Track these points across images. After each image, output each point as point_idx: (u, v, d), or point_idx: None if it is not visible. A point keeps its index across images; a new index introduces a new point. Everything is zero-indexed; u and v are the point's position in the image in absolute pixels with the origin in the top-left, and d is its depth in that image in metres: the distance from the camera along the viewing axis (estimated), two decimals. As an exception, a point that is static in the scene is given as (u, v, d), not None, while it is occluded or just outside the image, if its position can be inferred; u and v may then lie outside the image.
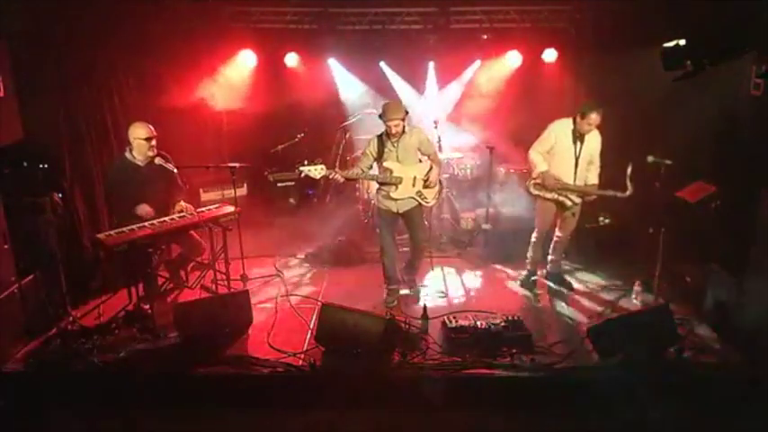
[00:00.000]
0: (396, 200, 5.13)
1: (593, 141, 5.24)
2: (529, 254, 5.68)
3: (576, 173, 5.25)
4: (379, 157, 5.08)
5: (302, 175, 4.90)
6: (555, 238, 5.57)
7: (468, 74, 8.03)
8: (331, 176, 4.93)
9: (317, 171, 4.88)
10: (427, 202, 5.27)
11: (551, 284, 5.72)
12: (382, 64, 7.91)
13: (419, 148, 5.13)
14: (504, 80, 7.94)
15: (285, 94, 7.87)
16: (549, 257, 5.68)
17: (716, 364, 4.40)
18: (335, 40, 7.51)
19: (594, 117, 5.03)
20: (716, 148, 5.37)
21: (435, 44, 7.63)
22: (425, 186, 5.16)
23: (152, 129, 5.09)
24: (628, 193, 5.16)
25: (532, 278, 5.72)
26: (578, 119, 5.11)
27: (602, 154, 5.36)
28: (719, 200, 5.21)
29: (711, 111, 5.36)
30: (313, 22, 7.46)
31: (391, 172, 5.06)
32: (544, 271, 5.84)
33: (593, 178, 5.35)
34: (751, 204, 4.85)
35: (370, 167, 5.15)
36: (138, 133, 5.03)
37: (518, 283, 5.78)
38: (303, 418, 4.13)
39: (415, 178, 5.12)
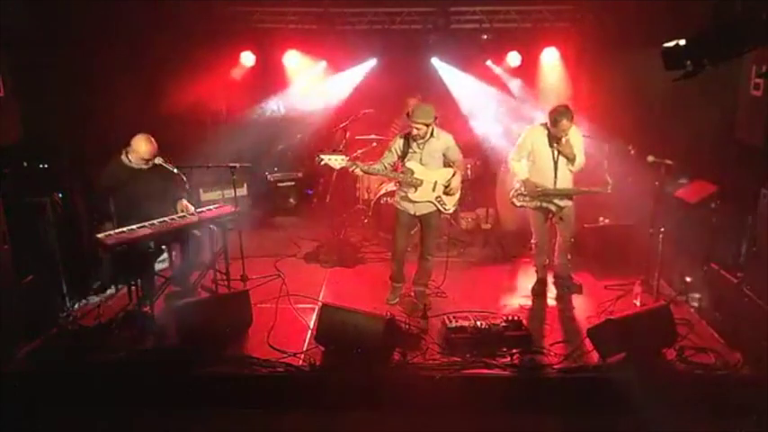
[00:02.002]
0: (414, 202, 5.10)
1: (572, 140, 5.17)
2: (534, 261, 5.68)
3: (555, 176, 5.21)
4: (403, 157, 5.05)
5: (322, 163, 4.87)
6: (557, 243, 5.56)
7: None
8: (351, 169, 4.91)
9: (337, 161, 4.85)
10: (446, 209, 5.21)
11: (560, 287, 5.66)
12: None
13: (445, 154, 5.09)
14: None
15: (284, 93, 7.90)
16: (555, 261, 5.66)
17: (716, 364, 4.40)
18: (336, 39, 7.53)
19: (565, 123, 5.01)
20: (716, 148, 5.37)
21: (435, 44, 7.64)
22: (446, 192, 5.12)
23: (154, 143, 4.96)
24: (609, 188, 5.16)
25: (543, 284, 5.67)
26: (550, 126, 5.10)
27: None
28: (719, 200, 5.21)
29: (711, 111, 5.36)
30: (313, 22, 7.46)
31: (412, 173, 5.02)
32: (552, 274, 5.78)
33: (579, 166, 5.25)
34: (751, 204, 4.86)
35: (393, 165, 5.12)
36: (141, 153, 4.89)
37: (530, 289, 5.68)
38: (303, 418, 4.13)
39: (436, 183, 5.08)
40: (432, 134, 4.97)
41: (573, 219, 5.44)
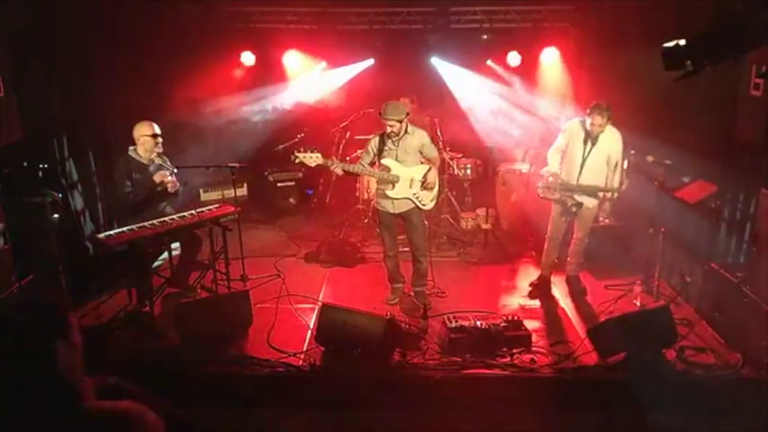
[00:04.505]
0: (392, 199, 5.12)
1: (608, 143, 5.14)
2: (542, 258, 5.67)
3: (580, 173, 5.20)
4: (379, 155, 5.08)
5: (297, 161, 4.89)
6: (571, 242, 5.56)
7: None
8: (330, 166, 4.93)
9: (312, 159, 4.86)
10: (424, 205, 5.20)
11: (573, 288, 5.64)
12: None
13: (421, 151, 5.12)
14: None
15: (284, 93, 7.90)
16: (569, 260, 5.65)
17: (716, 364, 4.40)
18: (336, 39, 7.53)
19: (596, 119, 4.99)
20: (716, 147, 5.37)
21: (435, 44, 7.64)
22: (423, 188, 5.13)
23: (156, 127, 5.15)
24: (624, 186, 5.20)
25: (546, 283, 5.65)
26: (587, 119, 5.10)
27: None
28: (719, 200, 5.21)
29: (711, 111, 5.36)
30: (313, 22, 7.46)
31: (389, 170, 5.06)
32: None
33: (614, 182, 5.24)
34: (751, 204, 4.86)
35: (371, 164, 5.14)
36: (145, 131, 5.10)
37: (529, 285, 5.69)
38: (303, 418, 4.13)
39: (412, 179, 5.10)
40: (406, 131, 5.00)
41: (591, 220, 5.43)
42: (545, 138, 6.38)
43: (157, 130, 5.15)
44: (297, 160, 4.89)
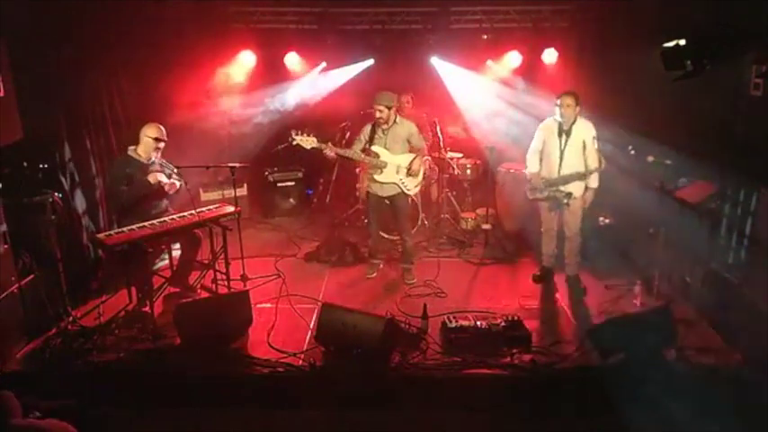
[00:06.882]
0: (380, 183, 5.56)
1: (580, 132, 5.29)
2: (542, 250, 5.82)
3: (560, 165, 5.35)
4: (370, 142, 5.51)
5: (294, 143, 5.28)
6: (566, 240, 5.60)
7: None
8: (323, 150, 5.31)
9: (308, 142, 5.30)
10: (408, 190, 5.65)
11: (572, 288, 5.67)
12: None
13: (409, 140, 5.54)
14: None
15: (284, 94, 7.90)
16: (566, 261, 5.68)
17: (716, 364, 4.40)
18: (336, 39, 7.52)
19: (565, 99, 5.21)
20: (716, 148, 5.37)
21: (435, 44, 7.63)
22: (408, 174, 5.54)
23: (164, 132, 5.19)
24: (602, 166, 5.30)
25: (545, 272, 5.79)
26: (558, 109, 5.27)
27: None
28: (719, 200, 5.21)
29: (711, 111, 5.35)
30: (313, 22, 7.46)
31: (377, 156, 5.50)
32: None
33: (593, 163, 5.32)
34: (751, 204, 4.86)
35: (362, 150, 5.53)
36: (149, 132, 5.14)
37: (533, 277, 5.87)
38: (303, 418, 4.13)
39: (399, 166, 5.55)
40: (395, 121, 5.49)
41: (579, 212, 5.47)
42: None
43: (163, 136, 5.18)
44: (294, 142, 5.31)
